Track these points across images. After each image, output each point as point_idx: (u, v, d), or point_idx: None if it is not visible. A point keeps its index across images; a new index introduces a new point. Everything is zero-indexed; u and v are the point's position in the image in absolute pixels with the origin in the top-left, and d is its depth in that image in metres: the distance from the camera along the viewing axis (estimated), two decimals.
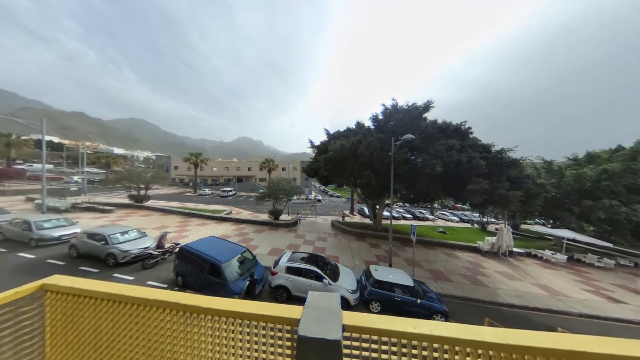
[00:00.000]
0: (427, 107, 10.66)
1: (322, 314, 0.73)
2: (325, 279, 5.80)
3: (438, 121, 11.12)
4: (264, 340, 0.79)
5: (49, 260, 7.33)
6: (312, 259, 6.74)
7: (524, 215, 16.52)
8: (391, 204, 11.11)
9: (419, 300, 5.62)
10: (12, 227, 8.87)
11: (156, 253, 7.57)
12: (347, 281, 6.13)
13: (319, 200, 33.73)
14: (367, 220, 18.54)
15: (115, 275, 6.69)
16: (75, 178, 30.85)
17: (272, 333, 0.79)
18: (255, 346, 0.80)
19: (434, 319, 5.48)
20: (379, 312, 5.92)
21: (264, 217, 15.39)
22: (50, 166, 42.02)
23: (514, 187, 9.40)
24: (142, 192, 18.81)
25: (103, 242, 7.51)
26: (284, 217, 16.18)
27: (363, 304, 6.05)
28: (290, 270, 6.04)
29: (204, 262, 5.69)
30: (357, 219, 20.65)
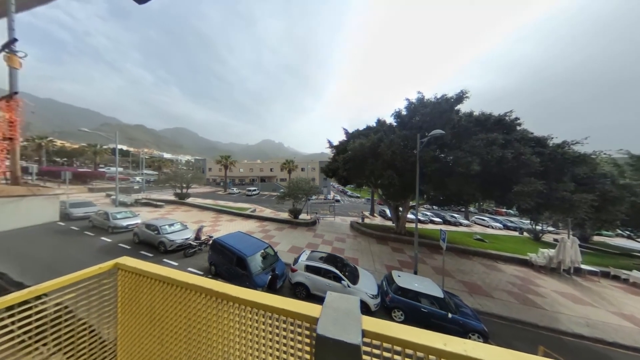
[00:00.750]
0: (460, 98, 9.36)
1: (340, 315, 0.72)
2: (344, 280, 5.72)
3: (474, 113, 9.68)
4: (284, 333, 0.82)
5: (120, 244, 9.18)
6: (330, 259, 6.73)
7: (598, 224, 12.76)
8: (416, 206, 10.15)
9: (450, 315, 5.04)
10: (97, 217, 11.45)
11: (195, 244, 8.71)
12: (367, 285, 5.91)
13: (337, 201, 33.44)
14: (389, 223, 17.47)
15: (165, 260, 7.93)
16: (137, 178, 37.97)
17: (292, 328, 0.81)
18: (277, 338, 0.83)
19: (470, 338, 4.84)
20: (403, 322, 5.51)
21: (285, 215, 16.07)
22: (121, 169, 52.69)
23: (581, 188, 7.49)
24: (184, 191, 21.93)
25: (156, 232, 9.00)
26: (303, 216, 16.57)
27: (384, 311, 5.75)
28: (309, 268, 6.14)
29: (232, 255, 6.27)
30: (377, 221, 19.69)
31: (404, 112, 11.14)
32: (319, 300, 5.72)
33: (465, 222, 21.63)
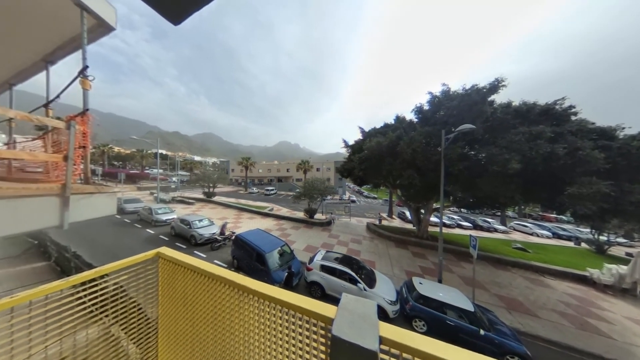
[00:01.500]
0: (494, 87, 8.29)
1: (356, 319, 0.71)
2: (360, 283, 5.59)
3: (514, 103, 8.46)
4: (300, 330, 0.84)
5: (161, 236, 10.58)
6: (346, 260, 6.64)
7: None
8: (441, 209, 9.33)
9: (482, 332, 4.50)
10: (144, 212, 13.38)
11: (220, 238, 9.52)
12: (385, 290, 5.67)
13: (353, 201, 32.78)
14: (409, 226, 16.44)
15: (195, 252, 8.85)
16: (174, 178, 43.18)
17: (307, 326, 0.83)
18: (293, 334, 0.86)
19: None
20: (425, 334, 5.13)
21: (300, 215, 16.42)
22: (161, 170, 60.58)
23: None
24: (211, 190, 24.17)
25: (188, 226, 10.11)
26: (318, 216, 16.69)
27: (404, 319, 5.43)
28: (324, 268, 6.16)
29: (252, 250, 6.66)
30: (396, 223, 18.68)
31: (426, 107, 10.34)
32: (334, 301, 5.71)
33: (502, 227, 19.04)
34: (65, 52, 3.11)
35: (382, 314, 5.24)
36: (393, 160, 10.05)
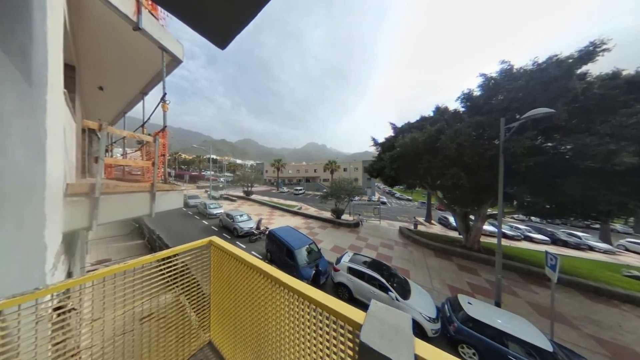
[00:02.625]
0: (588, 54, 6.13)
1: (387, 330, 0.68)
2: (391, 292, 5.18)
3: (626, 72, 6.06)
4: (327, 329, 0.85)
5: (212, 227, 12.73)
6: (375, 265, 6.29)
7: None
8: (499, 216, 7.44)
9: None
10: (200, 206, 16.42)
11: (256, 232, 10.68)
12: (422, 304, 5.06)
13: (383, 203, 30.63)
14: (454, 234, 14.08)
15: (237, 242, 10.22)
16: (221, 179, 51.15)
17: (334, 326, 0.83)
18: (320, 332, 0.87)
19: None
20: None
21: (327, 215, 16.57)
22: (212, 172, 72.79)
23: None
24: (249, 189, 27.43)
25: (232, 220, 11.78)
26: (346, 217, 16.40)
27: (447, 342, 4.70)
28: (351, 271, 6.02)
29: (283, 246, 7.15)
30: (436, 229, 16.36)
31: (476, 93, 8.64)
32: (363, 306, 5.46)
33: (603, 246, 13.82)
34: (152, 85, 4.17)
35: (418, 331, 4.68)
36: (432, 157, 8.83)
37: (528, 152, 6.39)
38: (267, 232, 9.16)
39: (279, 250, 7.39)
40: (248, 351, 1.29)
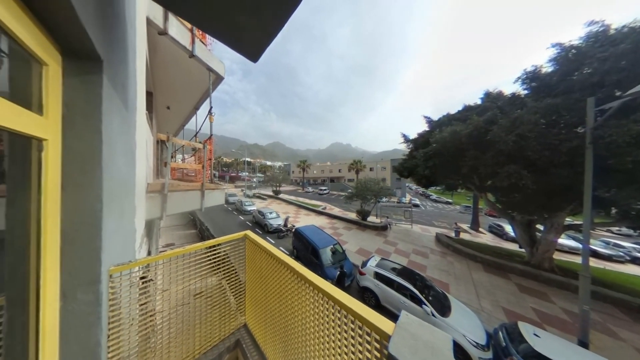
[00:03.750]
0: None
1: (421, 347, 0.62)
2: (426, 305, 4.64)
3: None
4: (352, 333, 0.83)
5: (247, 222, 14.26)
6: (406, 273, 5.78)
7: None
8: (585, 228, 5.39)
9: None
10: (237, 203, 18.61)
11: (284, 229, 11.39)
12: (467, 326, 4.33)
13: (415, 205, 27.77)
14: (512, 246, 11.51)
15: (267, 237, 11.12)
16: (254, 179, 56.66)
17: (359, 332, 0.80)
18: (345, 334, 0.86)
19: None
20: None
21: (352, 216, 16.16)
22: (247, 173, 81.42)
23: None
24: (277, 188, 29.49)
25: (263, 216, 12.90)
26: (372, 219, 15.64)
27: None
28: (378, 276, 5.70)
29: (308, 244, 7.37)
30: (486, 239, 13.73)
31: (546, 69, 6.82)
32: (391, 316, 5.08)
33: None
34: (202, 101, 4.98)
35: (462, 356, 4.03)
36: (480, 153, 7.45)
37: (636, 142, 4.62)
38: (293, 230, 9.62)
39: (304, 248, 7.65)
40: (277, 340, 1.39)
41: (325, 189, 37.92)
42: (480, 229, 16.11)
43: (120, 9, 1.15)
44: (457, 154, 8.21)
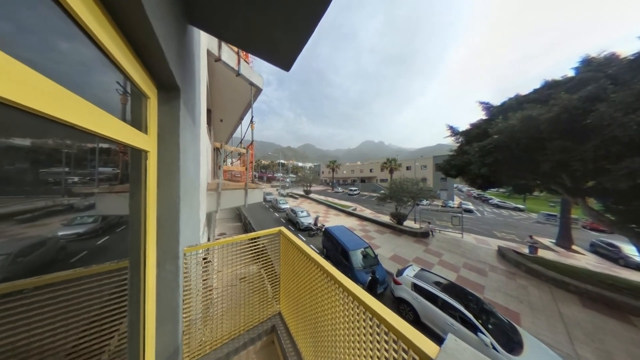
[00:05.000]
0: None
1: None
2: (484, 334, 3.78)
3: None
4: (385, 346, 0.76)
5: (281, 219, 15.53)
6: (455, 291, 4.91)
7: None
8: None
9: None
10: (273, 201, 20.53)
11: (314, 228, 11.77)
12: None
13: (468, 211, 23.12)
14: (630, 274, 7.90)
15: (299, 235, 11.75)
16: (287, 179, 61.05)
17: (395, 346, 0.73)
18: (378, 345, 0.80)
19: None
20: None
21: (386, 219, 15.02)
22: (281, 174, 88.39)
23: None
24: (308, 188, 30.73)
25: (295, 214, 13.73)
26: (409, 223, 14.08)
27: None
28: (417, 289, 5.08)
29: (338, 245, 7.34)
30: (586, 261, 9.93)
31: None
32: (433, 335, 4.40)
33: None
34: (245, 111, 5.76)
35: None
36: (574, 143, 5.50)
37: None
38: (323, 229, 9.79)
39: (334, 249, 7.65)
40: (307, 334, 1.44)
41: (355, 190, 36.76)
42: (575, 247, 11.80)
43: (191, 48, 1.47)
44: (532, 146, 6.33)
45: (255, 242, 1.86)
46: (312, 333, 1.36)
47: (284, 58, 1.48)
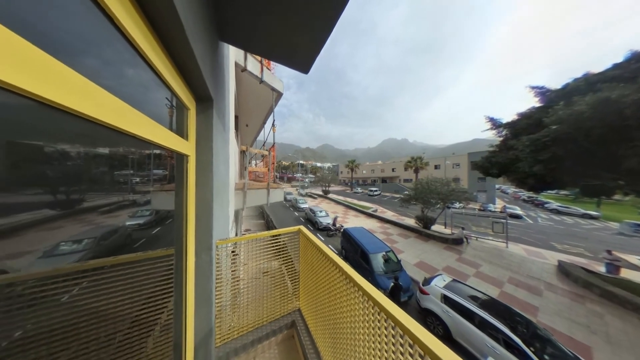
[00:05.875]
0: None
1: None
2: None
3: None
4: (410, 358, 0.72)
5: (300, 218, 15.98)
6: (497, 309, 4.25)
7: None
8: None
9: None
10: (293, 201, 21.24)
11: (333, 228, 11.74)
12: None
13: (516, 216, 19.75)
14: None
15: (317, 234, 11.93)
16: (306, 180, 62.38)
17: None
18: (402, 357, 0.75)
19: None
20: None
21: (410, 222, 13.96)
22: (301, 175, 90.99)
23: None
24: (326, 188, 30.81)
25: (314, 214, 13.94)
26: (439, 228, 12.78)
27: None
28: (448, 301, 4.58)
29: (357, 247, 7.15)
30: None
31: None
32: (465, 354, 3.88)
33: None
34: (267, 116, 6.12)
35: None
36: None
37: None
38: (342, 230, 9.66)
39: (353, 250, 7.48)
40: (326, 334, 1.45)
41: (376, 190, 35.19)
42: None
43: (222, 62, 1.64)
44: (609, 136, 5.02)
45: (276, 239, 1.96)
46: (331, 334, 1.36)
47: (303, 61, 1.52)
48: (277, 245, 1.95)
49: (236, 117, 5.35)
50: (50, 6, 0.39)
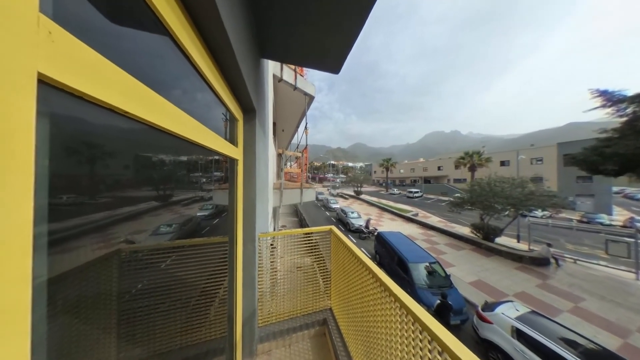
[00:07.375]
0: None
1: None
2: None
3: None
4: None
5: (331, 218, 16.08)
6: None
7: None
8: None
9: None
10: (324, 201, 21.61)
11: (365, 231, 11.21)
12: None
13: None
14: None
15: (349, 236, 11.64)
16: (337, 180, 62.15)
17: None
18: None
19: None
20: None
21: (465, 230, 11.59)
22: (332, 175, 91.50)
23: None
24: (359, 189, 29.70)
25: (345, 215, 13.74)
26: (507, 240, 10.07)
27: None
28: (524, 338, 3.54)
29: (393, 253, 6.58)
30: None
31: None
32: None
33: None
34: (300, 119, 6.48)
35: None
36: None
37: None
38: (375, 233, 9.07)
39: (388, 257, 6.90)
40: (359, 341, 1.39)
41: (417, 192, 31.16)
42: None
43: (262, 76, 1.86)
44: None
45: (309, 237, 2.04)
46: (364, 341, 1.30)
47: (334, 62, 1.53)
48: (309, 243, 2.03)
49: (274, 124, 5.94)
50: (152, 56, 0.55)
